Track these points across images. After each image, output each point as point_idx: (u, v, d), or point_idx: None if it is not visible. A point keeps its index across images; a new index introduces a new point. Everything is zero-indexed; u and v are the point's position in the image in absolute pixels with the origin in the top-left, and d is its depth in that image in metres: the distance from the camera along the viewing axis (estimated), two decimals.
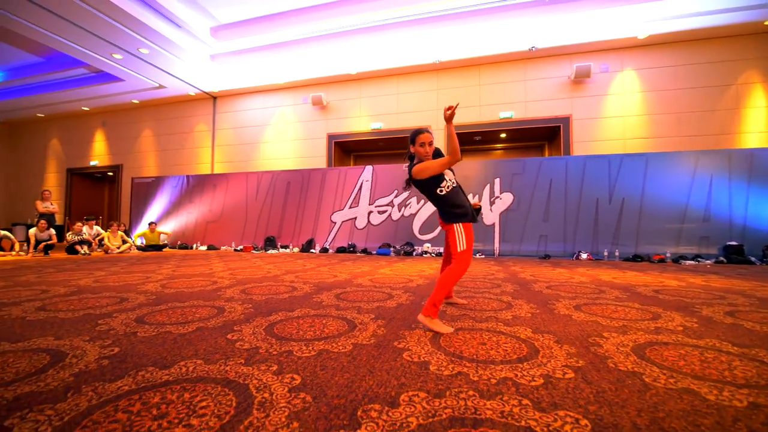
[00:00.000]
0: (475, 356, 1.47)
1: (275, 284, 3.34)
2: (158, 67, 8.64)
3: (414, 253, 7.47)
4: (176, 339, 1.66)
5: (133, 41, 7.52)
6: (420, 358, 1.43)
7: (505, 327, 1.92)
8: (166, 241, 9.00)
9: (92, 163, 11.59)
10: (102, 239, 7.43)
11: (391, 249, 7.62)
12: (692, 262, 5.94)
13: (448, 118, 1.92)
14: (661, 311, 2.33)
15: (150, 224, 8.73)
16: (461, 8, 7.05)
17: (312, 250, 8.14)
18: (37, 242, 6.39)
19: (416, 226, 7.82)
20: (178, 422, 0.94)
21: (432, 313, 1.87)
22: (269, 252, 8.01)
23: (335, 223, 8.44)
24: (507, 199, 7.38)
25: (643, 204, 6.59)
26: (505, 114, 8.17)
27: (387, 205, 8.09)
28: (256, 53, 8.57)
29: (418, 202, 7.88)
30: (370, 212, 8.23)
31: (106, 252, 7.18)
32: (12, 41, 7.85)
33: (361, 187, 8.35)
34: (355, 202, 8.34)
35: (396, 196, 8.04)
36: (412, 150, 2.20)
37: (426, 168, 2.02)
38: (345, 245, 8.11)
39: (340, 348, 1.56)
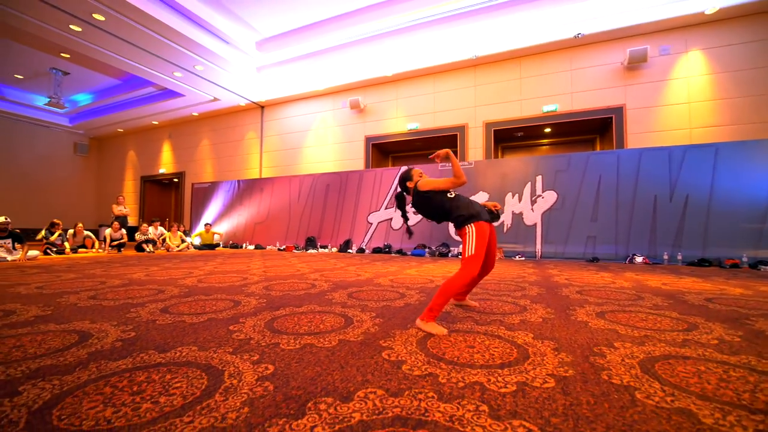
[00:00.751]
0: (456, 359, 1.42)
1: (298, 281, 3.50)
2: (212, 82, 9.45)
3: (449, 254, 7.32)
4: (185, 328, 1.83)
5: (190, 60, 8.32)
6: (398, 358, 1.43)
7: (506, 331, 1.82)
8: (219, 241, 9.79)
9: (161, 171, 13.01)
10: (165, 239, 8.30)
11: (426, 250, 7.54)
12: None
13: (443, 156, 2.10)
14: (701, 322, 2.04)
15: (205, 225, 9.57)
16: None
17: (349, 250, 8.34)
18: (112, 241, 7.36)
19: (452, 227, 7.65)
20: (149, 398, 1.05)
21: (428, 317, 1.85)
22: (309, 252, 8.36)
23: (372, 223, 8.57)
24: (550, 197, 6.94)
25: (711, 201, 5.79)
26: (549, 107, 7.68)
27: None
28: (297, 62, 9.01)
29: None
30: None
31: (168, 250, 8.02)
32: (95, 67, 9.11)
33: (396, 187, 8.38)
34: (391, 203, 8.39)
35: None
36: (410, 185, 2.19)
37: (433, 182, 2.07)
38: (381, 246, 8.20)
39: (326, 343, 1.60)
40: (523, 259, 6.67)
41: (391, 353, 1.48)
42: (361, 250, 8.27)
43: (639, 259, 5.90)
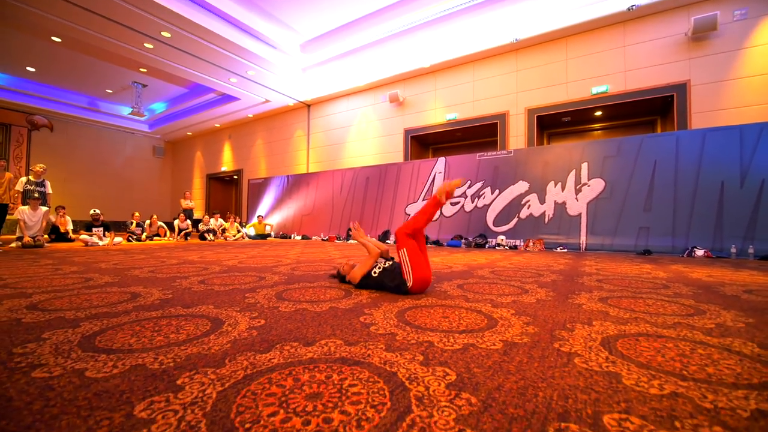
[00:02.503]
0: (424, 325, 1.57)
1: (324, 264, 3.81)
2: (263, 85, 10.25)
3: (486, 246, 7.22)
4: (211, 293, 2.19)
5: (243, 66, 9.12)
6: (371, 321, 1.61)
7: (490, 308, 1.91)
8: (270, 231, 10.66)
9: (222, 168, 14.42)
10: (224, 229, 9.28)
11: (463, 241, 7.51)
12: None
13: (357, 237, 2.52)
14: (714, 309, 1.93)
15: (258, 217, 10.47)
16: None
17: (387, 241, 8.57)
18: (180, 230, 8.45)
19: (490, 218, 7.53)
20: (163, 334, 1.37)
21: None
22: (349, 242, 8.77)
23: (409, 215, 8.71)
24: (597, 186, 6.51)
25: None
26: (598, 89, 7.14)
27: (460, 196, 7.98)
28: (338, 60, 9.41)
29: (492, 193, 7.55)
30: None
31: (226, 239, 8.96)
32: (167, 78, 10.39)
33: (434, 179, 8.43)
34: (428, 194, 8.45)
35: (469, 187, 7.86)
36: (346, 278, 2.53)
37: (357, 272, 2.40)
38: None
39: (317, 309, 1.84)
40: (565, 251, 6.37)
41: (368, 318, 1.67)
42: None
43: (700, 252, 5.33)
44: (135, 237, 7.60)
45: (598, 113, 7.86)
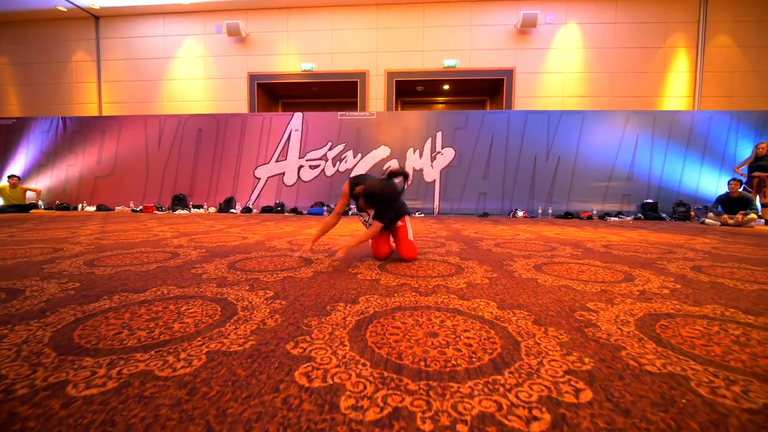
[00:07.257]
0: (415, 275, 2.03)
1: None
2: None
3: (350, 212, 7.94)
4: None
5: None
6: (372, 278, 1.95)
7: (459, 260, 2.52)
8: (34, 200, 8.18)
9: None
10: None
11: (325, 208, 7.97)
12: (615, 218, 7.33)
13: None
14: (631, 270, 3.15)
15: (9, 178, 7.80)
16: None
17: (232, 210, 8.15)
18: None
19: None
20: (176, 320, 1.32)
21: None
22: (177, 212, 7.85)
23: (260, 179, 8.48)
24: (448, 154, 8.12)
25: (576, 162, 7.82)
26: (450, 62, 8.72)
27: (320, 159, 8.31)
28: None
29: (354, 157, 8.23)
30: (300, 167, 8.39)
31: None
32: None
33: (289, 137, 8.41)
34: (283, 155, 8.41)
35: (330, 149, 8.28)
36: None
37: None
38: (272, 204, 8.25)
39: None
40: (423, 215, 7.77)
41: (364, 276, 1.99)
42: (247, 210, 8.17)
43: (520, 213, 7.63)
44: None
45: (446, 87, 9.62)
